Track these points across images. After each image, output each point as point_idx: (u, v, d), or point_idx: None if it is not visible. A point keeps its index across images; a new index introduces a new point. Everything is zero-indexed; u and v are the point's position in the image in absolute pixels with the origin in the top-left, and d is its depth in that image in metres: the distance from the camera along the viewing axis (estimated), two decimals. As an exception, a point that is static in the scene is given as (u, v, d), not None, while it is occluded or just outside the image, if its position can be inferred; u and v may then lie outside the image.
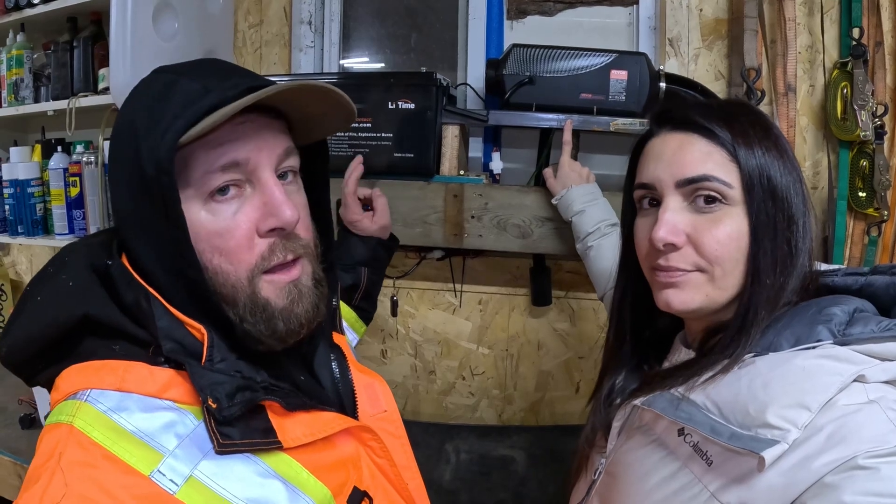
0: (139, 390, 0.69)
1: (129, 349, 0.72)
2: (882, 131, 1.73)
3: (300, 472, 0.73)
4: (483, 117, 1.75)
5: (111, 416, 0.67)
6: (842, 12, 1.79)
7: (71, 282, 0.74)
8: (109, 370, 0.70)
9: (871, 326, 0.74)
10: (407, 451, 0.92)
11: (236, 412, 0.68)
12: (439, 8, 2.19)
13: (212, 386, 0.68)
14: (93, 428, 0.65)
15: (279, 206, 0.75)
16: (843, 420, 0.68)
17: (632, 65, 1.69)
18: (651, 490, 0.83)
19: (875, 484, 0.63)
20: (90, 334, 0.72)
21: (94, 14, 2.03)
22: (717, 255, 0.81)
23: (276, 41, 2.16)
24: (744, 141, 0.82)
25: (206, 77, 0.74)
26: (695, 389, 0.80)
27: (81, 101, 1.97)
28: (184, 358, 0.70)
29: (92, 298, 0.72)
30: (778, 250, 0.81)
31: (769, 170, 0.81)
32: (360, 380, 0.92)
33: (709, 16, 1.90)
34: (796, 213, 0.82)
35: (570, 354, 2.07)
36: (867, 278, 0.86)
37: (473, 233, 1.74)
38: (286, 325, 0.78)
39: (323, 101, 0.82)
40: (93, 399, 0.68)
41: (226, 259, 0.74)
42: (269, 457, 0.72)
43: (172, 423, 0.69)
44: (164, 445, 0.67)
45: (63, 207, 2.10)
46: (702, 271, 0.83)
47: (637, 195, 0.91)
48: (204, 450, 0.68)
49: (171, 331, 0.71)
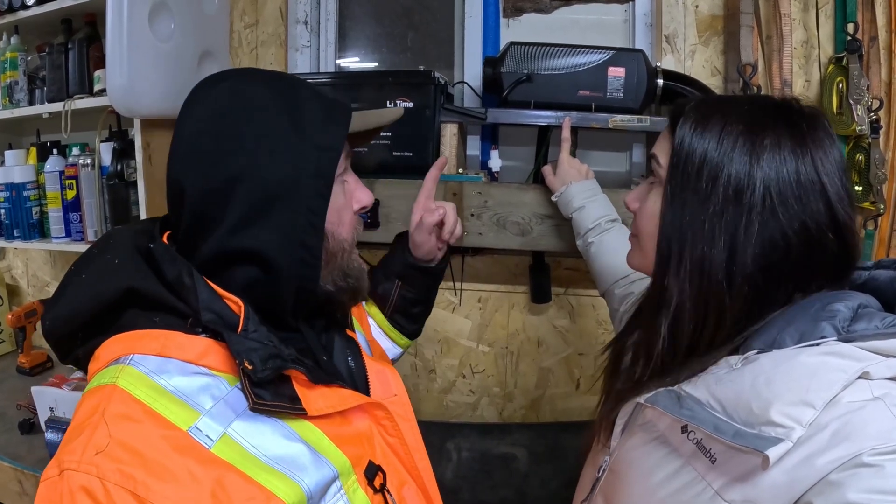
0: (178, 356, 0.75)
1: (169, 320, 0.77)
2: (877, 125, 1.74)
3: (322, 438, 0.79)
4: (481, 115, 1.75)
5: (152, 377, 0.72)
6: (836, 8, 1.80)
7: (116, 260, 0.80)
8: (151, 338, 0.76)
9: (876, 323, 0.74)
10: (416, 434, 0.95)
11: (269, 375, 0.74)
12: (435, 6, 2.19)
13: (248, 351, 0.74)
14: (135, 387, 0.71)
15: (362, 191, 0.94)
16: (848, 417, 0.68)
17: (629, 61, 1.70)
18: (654, 487, 0.82)
19: (880, 481, 0.63)
20: (132, 307, 0.78)
21: (89, 16, 2.02)
22: (638, 226, 0.94)
23: (272, 41, 2.15)
24: (695, 127, 0.83)
25: (314, 90, 0.89)
26: (698, 386, 0.80)
27: (77, 103, 1.96)
28: (222, 328, 0.76)
29: (136, 273, 0.79)
30: (685, 231, 0.82)
31: (706, 155, 0.81)
32: (373, 367, 0.98)
33: (705, 12, 1.91)
34: (716, 195, 0.80)
35: (570, 351, 2.08)
36: (871, 273, 0.86)
37: (473, 231, 1.74)
38: (358, 284, 0.94)
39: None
40: (135, 362, 0.73)
41: (343, 229, 0.90)
42: (294, 422, 0.77)
43: (208, 385, 0.74)
44: (201, 405, 0.72)
45: (59, 210, 2.09)
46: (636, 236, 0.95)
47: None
48: (237, 411, 0.74)
49: (211, 303, 0.78)
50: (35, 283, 2.70)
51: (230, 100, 0.83)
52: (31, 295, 2.70)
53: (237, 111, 0.82)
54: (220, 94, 0.84)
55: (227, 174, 0.80)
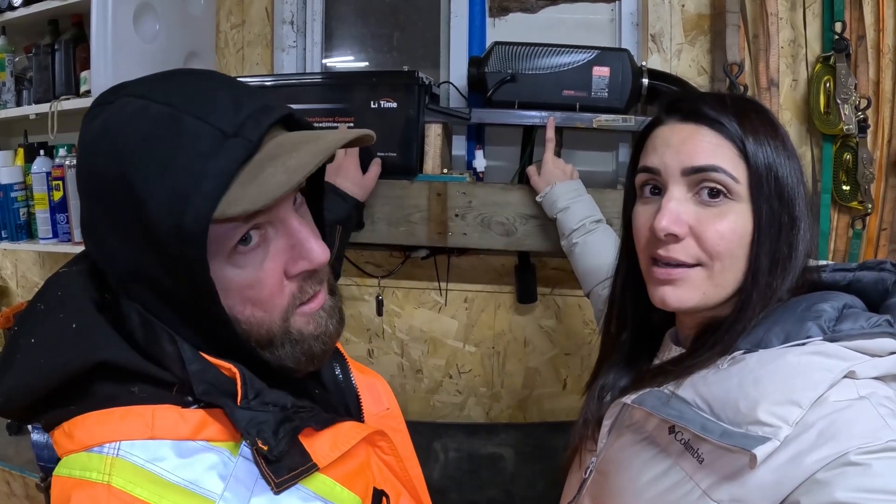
0: (172, 435, 0.65)
1: (151, 391, 0.67)
2: (865, 125, 1.73)
3: (334, 487, 0.73)
4: (466, 115, 1.75)
5: (150, 469, 0.63)
6: (824, 7, 1.80)
7: (74, 323, 0.68)
8: (136, 416, 0.65)
9: (861, 322, 0.74)
10: (407, 444, 0.93)
11: (285, 447, 0.66)
12: (421, 6, 2.19)
13: (257, 426, 0.66)
14: (134, 485, 0.62)
15: (310, 248, 0.72)
16: (834, 416, 0.68)
17: (614, 61, 1.69)
18: (642, 488, 0.83)
19: (867, 480, 0.63)
20: (102, 378, 0.67)
21: (76, 16, 2.02)
22: (718, 250, 0.80)
23: (258, 41, 2.15)
24: (753, 137, 0.81)
25: (207, 110, 0.65)
26: (685, 386, 0.80)
27: (63, 104, 1.96)
28: (218, 399, 0.67)
29: (106, 344, 0.67)
30: (778, 251, 0.80)
31: (777, 169, 0.81)
32: (362, 380, 0.92)
33: (691, 11, 1.90)
34: (799, 216, 0.81)
35: (557, 351, 2.08)
36: (855, 274, 0.86)
37: (458, 231, 1.74)
38: (323, 346, 0.77)
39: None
40: (125, 452, 0.63)
41: (259, 308, 0.71)
42: (307, 481, 0.70)
43: (214, 464, 0.66)
44: (212, 490, 0.64)
45: (46, 212, 2.09)
46: (701, 265, 0.82)
47: (640, 179, 0.89)
48: (250, 487, 0.66)
49: (203, 373, 0.68)
50: (24, 283, 2.70)
51: (83, 172, 0.69)
52: (21, 296, 2.70)
53: (91, 178, 0.68)
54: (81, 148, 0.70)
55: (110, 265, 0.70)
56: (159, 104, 0.65)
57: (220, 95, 0.67)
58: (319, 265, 0.73)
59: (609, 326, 1.03)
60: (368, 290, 2.04)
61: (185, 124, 0.64)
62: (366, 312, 2.11)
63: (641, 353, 0.99)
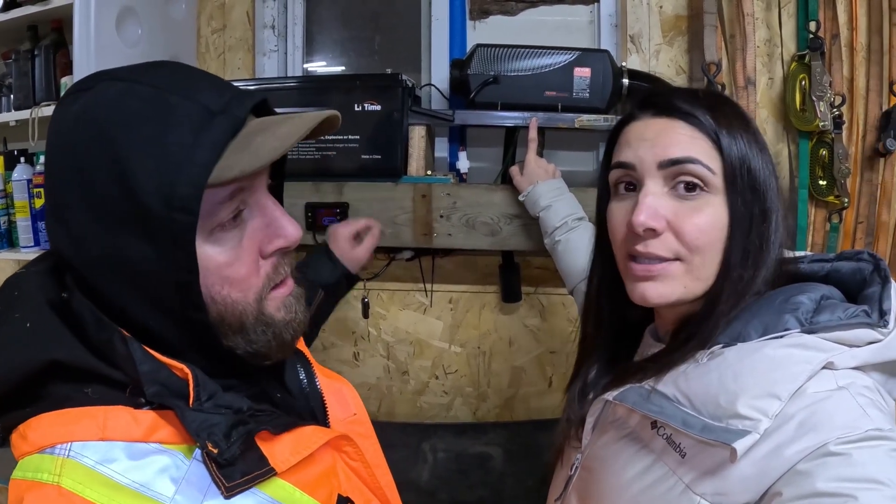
0: (124, 437, 0.64)
1: (105, 392, 0.66)
2: (840, 121, 1.77)
3: (293, 492, 0.72)
4: (449, 117, 1.76)
5: (101, 471, 0.62)
6: (798, 6, 1.83)
7: (28, 322, 0.67)
8: (89, 418, 0.64)
9: (838, 314, 0.75)
10: (377, 451, 0.91)
11: (236, 451, 0.65)
12: (402, 10, 2.19)
13: (208, 428, 0.65)
14: (84, 486, 0.61)
15: (285, 226, 0.74)
16: (814, 407, 0.69)
17: (594, 62, 1.71)
18: (627, 484, 0.82)
19: (847, 469, 0.64)
20: (56, 378, 0.66)
21: (55, 22, 1.99)
22: (698, 244, 0.80)
23: (239, 46, 2.14)
24: (727, 130, 0.81)
25: (192, 91, 0.67)
26: (665, 382, 0.80)
27: (44, 110, 1.93)
28: (171, 401, 0.66)
29: (57, 341, 0.66)
30: (750, 244, 0.80)
31: (750, 161, 0.81)
32: (328, 385, 0.91)
33: (669, 12, 1.93)
34: (771, 207, 0.82)
35: (542, 349, 2.09)
36: (833, 264, 0.86)
37: (443, 232, 1.75)
38: (292, 334, 0.78)
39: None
40: (76, 454, 0.62)
41: (236, 288, 0.72)
42: (264, 485, 0.69)
43: (166, 467, 0.65)
44: (163, 493, 0.63)
45: (28, 220, 2.05)
46: (680, 260, 0.82)
47: (614, 176, 0.89)
48: (202, 490, 0.65)
49: (155, 373, 0.66)
50: (6, 292, 2.65)
51: (56, 154, 0.68)
52: (2, 305, 2.65)
53: (65, 171, 0.67)
54: (53, 139, 0.69)
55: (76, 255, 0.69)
56: (144, 86, 0.66)
57: (201, 81, 0.70)
58: (293, 242, 0.75)
59: (587, 326, 1.03)
60: (353, 293, 2.02)
61: (173, 102, 0.65)
62: (351, 315, 2.11)
63: (621, 351, 0.99)
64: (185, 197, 0.62)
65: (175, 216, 0.63)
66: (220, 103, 0.67)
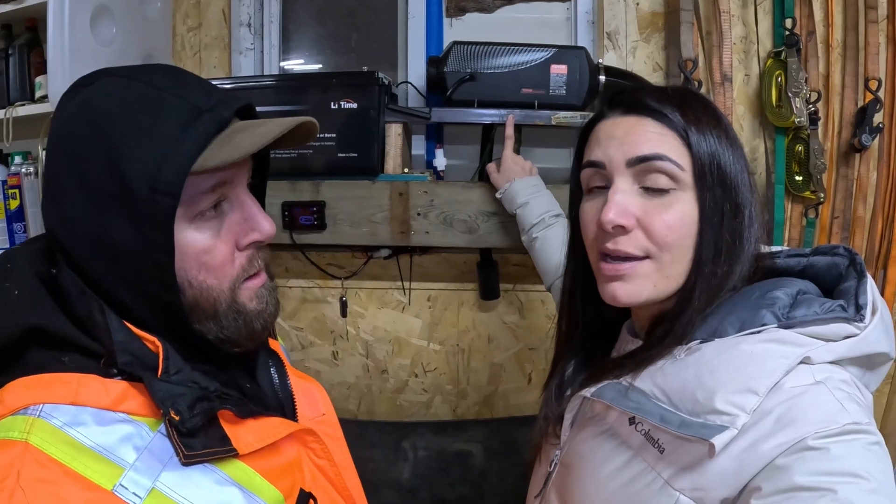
0: (93, 403, 0.68)
1: (80, 361, 0.70)
2: (816, 117, 1.79)
3: (254, 477, 0.75)
4: (426, 115, 1.76)
5: (67, 432, 0.65)
6: (775, 4, 1.84)
7: (16, 290, 0.72)
8: (62, 383, 0.68)
9: (815, 308, 0.75)
10: (345, 452, 0.92)
11: (198, 423, 0.69)
12: (378, 7, 2.18)
13: (173, 398, 0.68)
14: (50, 444, 0.64)
15: (260, 221, 0.79)
16: (791, 402, 0.69)
17: (571, 59, 1.72)
18: (606, 480, 0.82)
19: (826, 464, 0.64)
20: (36, 345, 0.70)
21: (30, 20, 1.98)
22: (667, 241, 0.80)
23: (215, 44, 2.13)
24: (696, 127, 0.81)
25: (184, 90, 0.73)
26: (643, 378, 0.80)
27: (18, 110, 1.92)
28: (140, 371, 0.69)
29: (40, 309, 0.71)
30: (721, 240, 0.80)
31: (720, 157, 0.81)
32: (299, 385, 0.93)
33: (645, 9, 1.94)
34: (743, 202, 0.82)
35: (521, 346, 2.08)
36: (809, 259, 0.87)
37: (420, 230, 1.75)
38: (262, 324, 0.82)
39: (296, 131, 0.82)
40: (46, 414, 0.66)
41: (212, 275, 0.76)
42: (224, 465, 0.72)
43: (129, 435, 0.68)
44: (124, 459, 0.66)
45: (3, 221, 2.04)
46: (650, 258, 0.82)
47: (585, 175, 0.89)
48: (163, 461, 0.68)
49: (127, 344, 0.70)
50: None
51: (57, 140, 0.73)
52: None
53: (63, 157, 0.72)
54: (55, 126, 0.74)
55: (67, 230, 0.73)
56: (141, 83, 0.72)
57: (193, 83, 0.76)
58: (268, 237, 0.80)
59: (563, 324, 1.03)
60: (331, 292, 2.02)
61: (165, 98, 0.71)
62: (329, 314, 2.10)
63: (598, 347, 0.99)
64: (169, 182, 0.68)
65: (157, 199, 0.68)
66: (209, 103, 0.73)
